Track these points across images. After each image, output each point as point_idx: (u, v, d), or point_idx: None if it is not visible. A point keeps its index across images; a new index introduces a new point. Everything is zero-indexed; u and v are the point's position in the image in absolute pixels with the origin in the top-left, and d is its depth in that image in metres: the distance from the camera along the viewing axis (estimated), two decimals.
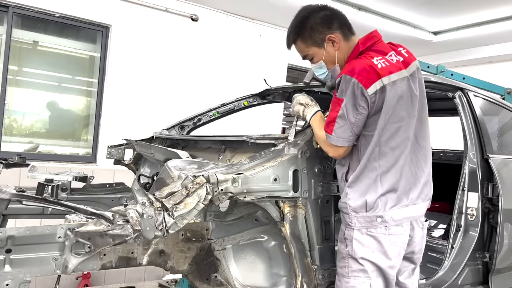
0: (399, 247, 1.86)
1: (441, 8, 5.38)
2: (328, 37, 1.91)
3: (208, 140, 2.64)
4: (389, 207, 1.83)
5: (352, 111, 1.77)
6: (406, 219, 1.88)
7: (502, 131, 2.94)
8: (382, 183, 1.83)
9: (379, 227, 1.82)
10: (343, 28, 1.95)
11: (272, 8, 5.46)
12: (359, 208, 1.84)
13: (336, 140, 1.81)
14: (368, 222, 1.82)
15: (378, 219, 1.82)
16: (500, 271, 2.68)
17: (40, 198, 1.89)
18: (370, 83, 1.75)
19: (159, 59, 5.27)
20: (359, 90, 1.74)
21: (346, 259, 1.85)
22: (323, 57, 1.95)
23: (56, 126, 5.08)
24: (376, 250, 1.82)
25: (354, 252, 1.83)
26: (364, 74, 1.75)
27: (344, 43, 1.94)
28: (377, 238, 1.82)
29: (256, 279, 2.16)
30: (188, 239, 2.07)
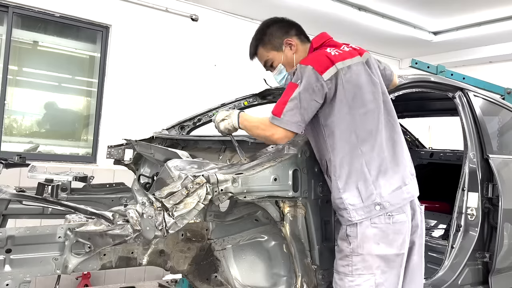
0: (404, 235, 1.86)
1: (441, 8, 5.38)
2: (286, 41, 2.02)
3: (208, 140, 2.65)
4: (384, 192, 1.83)
5: (305, 97, 1.77)
6: (404, 201, 1.88)
7: (502, 131, 2.94)
8: (369, 169, 1.83)
9: (382, 217, 1.81)
10: (299, 35, 2.07)
11: (272, 8, 5.46)
12: (355, 200, 1.82)
13: (285, 123, 1.77)
14: (368, 212, 1.81)
15: (376, 206, 1.81)
16: (500, 271, 2.68)
17: (40, 198, 1.89)
18: (325, 69, 1.79)
19: (159, 59, 5.27)
20: (314, 76, 1.78)
21: (350, 256, 1.83)
22: (281, 60, 2.04)
23: (56, 126, 5.08)
24: (381, 242, 1.81)
25: (359, 249, 1.81)
26: (318, 61, 1.81)
27: (301, 46, 2.05)
28: (382, 229, 1.82)
29: (256, 279, 2.15)
30: (188, 239, 2.07)
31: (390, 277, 1.85)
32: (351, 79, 1.84)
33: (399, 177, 1.89)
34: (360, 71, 1.88)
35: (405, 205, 1.88)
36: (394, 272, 1.86)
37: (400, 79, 2.39)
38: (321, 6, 5.28)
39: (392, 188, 1.85)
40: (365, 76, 1.90)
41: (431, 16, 5.69)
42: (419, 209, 2.00)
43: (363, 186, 1.82)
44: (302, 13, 5.53)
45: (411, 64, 4.14)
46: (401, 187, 1.87)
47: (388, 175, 1.86)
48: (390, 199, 1.83)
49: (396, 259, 1.85)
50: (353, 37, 6.46)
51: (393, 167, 1.88)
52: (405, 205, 1.88)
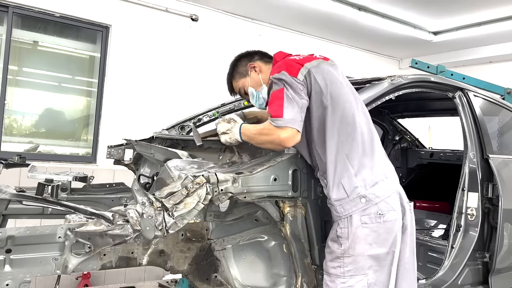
0: (395, 232, 1.85)
1: (441, 8, 5.38)
2: (249, 65, 2.16)
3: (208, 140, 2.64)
4: (368, 184, 1.83)
5: (295, 95, 1.82)
6: (390, 192, 1.87)
7: (502, 131, 2.94)
8: (351, 163, 1.84)
9: (373, 216, 1.81)
10: (262, 57, 2.20)
11: (272, 8, 5.46)
12: (341, 194, 1.83)
13: (290, 121, 1.78)
14: (354, 205, 1.81)
15: (362, 199, 1.81)
16: (500, 271, 2.68)
17: (40, 198, 1.89)
18: (297, 71, 1.86)
19: (159, 59, 5.27)
20: (291, 79, 1.84)
21: (341, 258, 1.82)
22: (249, 83, 2.16)
23: (56, 126, 5.07)
24: (373, 242, 1.81)
25: (351, 250, 1.80)
26: (288, 66, 1.89)
27: (265, 66, 2.16)
28: (373, 229, 1.81)
29: (256, 279, 2.15)
30: (188, 239, 2.07)
31: (381, 275, 1.85)
32: (324, 74, 1.90)
33: (380, 170, 1.90)
34: (329, 69, 1.95)
35: (393, 200, 1.88)
36: (386, 271, 1.86)
37: (400, 79, 2.39)
38: (321, 6, 5.27)
39: (375, 180, 1.85)
40: (335, 72, 1.96)
41: (431, 16, 5.69)
42: (409, 206, 1.99)
43: (347, 180, 1.83)
44: (302, 13, 5.53)
45: (411, 64, 4.14)
46: (383, 179, 1.88)
47: (369, 167, 1.87)
48: (375, 191, 1.83)
49: (387, 257, 1.85)
50: (353, 37, 6.48)
51: (374, 160, 1.90)
52: (393, 200, 1.87)
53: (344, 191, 1.83)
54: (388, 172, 1.94)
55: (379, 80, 2.39)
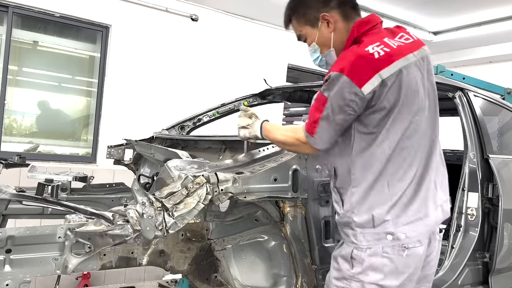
0: (413, 268, 1.61)
1: (441, 8, 5.38)
2: (322, 16, 1.66)
3: (208, 140, 2.64)
4: (401, 222, 1.57)
5: (339, 113, 1.53)
6: (422, 235, 1.61)
7: (502, 131, 2.94)
8: (390, 191, 1.57)
9: (396, 248, 1.57)
10: (344, 6, 1.68)
11: (272, 8, 5.46)
12: (366, 223, 1.58)
13: (319, 143, 1.60)
14: (377, 240, 1.57)
15: (388, 236, 1.56)
16: (500, 271, 2.68)
17: (40, 198, 1.89)
18: (365, 80, 1.48)
19: (159, 59, 5.27)
20: (350, 89, 1.48)
21: (349, 280, 1.60)
22: (315, 39, 1.71)
23: (56, 126, 5.07)
24: (388, 274, 1.57)
25: (362, 275, 1.58)
26: (356, 69, 1.48)
27: (344, 24, 1.67)
28: (393, 260, 1.57)
29: (256, 279, 2.15)
30: (188, 239, 2.07)
31: None
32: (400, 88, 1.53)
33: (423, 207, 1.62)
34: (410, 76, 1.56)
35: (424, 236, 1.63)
36: None
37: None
38: None
39: (411, 219, 1.58)
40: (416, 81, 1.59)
41: (431, 16, 5.69)
42: (438, 237, 1.73)
43: (380, 212, 1.56)
44: None
45: None
46: (422, 218, 1.60)
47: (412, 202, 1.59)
48: (407, 231, 1.57)
49: None
50: None
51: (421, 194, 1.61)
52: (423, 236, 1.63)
53: (372, 221, 1.57)
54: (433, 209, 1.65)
55: None
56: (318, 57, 1.75)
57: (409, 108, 1.56)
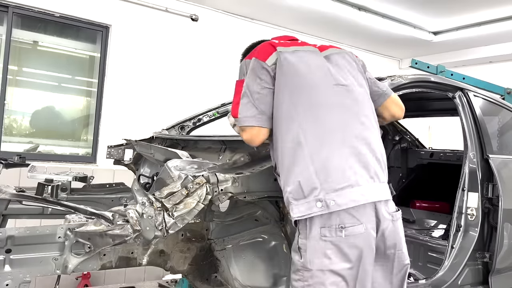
0: (361, 248, 1.59)
1: (441, 8, 5.38)
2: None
3: (208, 140, 2.64)
4: (330, 187, 1.57)
5: (253, 86, 1.71)
6: (354, 203, 1.59)
7: (502, 131, 2.94)
8: (313, 159, 1.60)
9: (333, 229, 1.56)
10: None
11: (272, 8, 5.46)
12: (297, 193, 1.60)
13: (244, 120, 1.69)
14: (308, 208, 1.57)
15: (318, 203, 1.56)
16: (500, 271, 2.68)
17: (40, 198, 1.89)
18: (268, 55, 1.74)
19: (159, 59, 5.27)
20: (258, 64, 1.73)
21: (301, 271, 1.60)
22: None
23: (56, 126, 5.07)
24: (334, 256, 1.57)
25: (309, 264, 1.58)
26: (260, 51, 1.78)
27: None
28: (334, 243, 1.57)
29: (256, 279, 2.15)
30: (188, 239, 2.07)
31: None
32: (299, 61, 1.73)
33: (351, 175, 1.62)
34: (311, 57, 1.77)
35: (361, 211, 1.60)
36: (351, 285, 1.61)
37: (400, 79, 2.39)
38: (321, 6, 5.27)
39: (340, 185, 1.59)
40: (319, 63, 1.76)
41: (431, 16, 5.69)
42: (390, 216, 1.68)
43: (305, 179, 1.59)
44: (302, 13, 5.53)
45: (411, 64, 4.14)
46: (352, 186, 1.60)
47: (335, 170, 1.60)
48: (336, 198, 1.57)
49: (351, 272, 1.60)
50: (353, 37, 6.48)
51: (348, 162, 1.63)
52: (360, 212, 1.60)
53: (301, 190, 1.59)
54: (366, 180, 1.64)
55: (379, 80, 2.39)
56: None
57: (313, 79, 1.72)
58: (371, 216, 1.63)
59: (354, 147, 1.67)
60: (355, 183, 1.61)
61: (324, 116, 1.68)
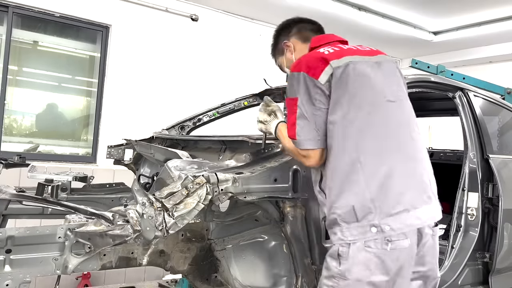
0: (402, 262, 1.58)
1: (441, 8, 5.38)
2: (284, 44, 1.97)
3: (208, 140, 2.64)
4: (385, 213, 1.55)
5: (309, 107, 1.62)
6: (409, 227, 1.58)
7: (502, 131, 2.94)
8: (369, 184, 1.57)
9: (379, 241, 1.55)
10: (301, 32, 1.95)
11: (272, 8, 5.46)
12: (349, 217, 1.57)
13: (304, 143, 1.63)
14: (362, 233, 1.55)
15: (372, 228, 1.54)
16: (500, 271, 2.68)
17: (40, 198, 1.89)
18: (320, 71, 1.62)
19: (159, 59, 5.27)
20: (311, 83, 1.62)
21: (337, 278, 1.58)
22: (285, 64, 2.00)
23: (56, 126, 5.07)
24: (375, 269, 1.55)
25: (348, 273, 1.56)
26: (310, 64, 1.65)
27: (301, 45, 1.94)
28: (377, 255, 1.55)
29: (256, 279, 2.15)
30: (188, 239, 2.07)
31: None
32: (352, 76, 1.63)
33: (408, 198, 1.60)
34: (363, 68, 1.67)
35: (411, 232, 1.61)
36: None
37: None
38: (321, 6, 5.27)
39: (396, 210, 1.57)
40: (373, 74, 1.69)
41: (431, 16, 5.69)
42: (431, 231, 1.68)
43: (360, 204, 1.56)
44: (302, 13, 5.49)
45: (411, 64, 4.14)
46: (408, 210, 1.58)
47: (392, 193, 1.58)
48: (391, 223, 1.55)
49: (387, 285, 1.58)
50: (353, 37, 6.46)
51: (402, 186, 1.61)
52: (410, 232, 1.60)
53: (355, 214, 1.56)
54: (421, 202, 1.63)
55: None
56: None
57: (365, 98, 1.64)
58: (416, 231, 1.63)
59: (411, 167, 1.65)
60: (411, 206, 1.60)
61: (381, 135, 1.64)
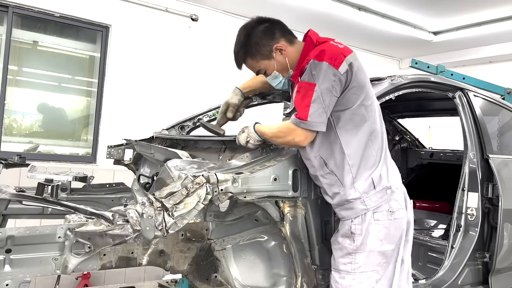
0: (402, 229, 1.89)
1: (441, 8, 5.38)
2: (275, 47, 1.96)
3: (208, 140, 2.64)
4: (390, 176, 1.90)
5: (326, 95, 1.77)
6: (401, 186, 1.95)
7: (502, 131, 2.94)
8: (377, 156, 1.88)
9: (385, 213, 1.84)
10: (285, 35, 1.99)
11: (272, 8, 5.46)
12: (368, 188, 1.84)
13: (314, 124, 1.78)
14: (380, 197, 1.84)
15: (388, 190, 1.86)
16: (500, 271, 2.68)
17: (40, 198, 1.89)
18: (340, 62, 1.79)
19: (159, 59, 5.27)
20: (331, 72, 1.77)
21: (353, 254, 1.84)
22: (275, 68, 1.99)
23: (56, 126, 5.07)
24: (384, 238, 1.84)
25: (363, 246, 1.82)
26: (332, 55, 1.79)
27: (291, 48, 1.99)
28: (385, 225, 1.84)
29: (256, 279, 2.15)
30: (188, 239, 2.07)
31: (387, 271, 1.90)
32: (360, 71, 1.86)
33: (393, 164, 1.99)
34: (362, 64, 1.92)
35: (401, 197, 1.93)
36: (391, 267, 1.90)
37: (400, 79, 2.39)
38: (321, 6, 5.27)
39: (394, 172, 1.94)
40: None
41: (431, 16, 5.69)
42: (410, 203, 2.02)
43: (376, 174, 1.85)
44: (302, 13, 5.53)
45: (411, 64, 4.15)
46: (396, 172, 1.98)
47: (388, 160, 1.94)
48: (395, 183, 1.91)
49: (393, 253, 1.89)
50: (353, 37, 6.47)
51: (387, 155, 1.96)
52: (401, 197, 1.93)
53: (372, 183, 1.85)
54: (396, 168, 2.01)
55: (379, 80, 2.39)
56: (281, 80, 2.02)
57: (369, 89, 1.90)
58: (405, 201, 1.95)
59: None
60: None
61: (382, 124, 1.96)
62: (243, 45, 2.02)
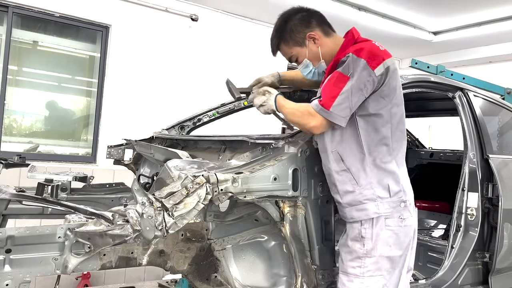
0: (410, 237, 1.90)
1: (441, 8, 5.38)
2: (308, 35, 1.96)
3: (208, 140, 2.64)
4: (407, 190, 1.89)
5: (356, 92, 1.75)
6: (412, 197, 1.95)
7: (502, 131, 2.94)
8: (398, 165, 1.88)
9: (396, 219, 1.84)
10: (322, 25, 1.99)
11: (272, 8, 5.45)
12: (384, 193, 1.84)
13: (335, 116, 1.76)
14: (393, 207, 1.84)
15: (401, 204, 1.85)
16: (500, 271, 2.68)
17: (40, 198, 1.89)
18: (377, 64, 1.77)
19: (159, 59, 5.27)
20: (367, 71, 1.75)
21: (363, 258, 1.84)
22: (306, 55, 2.00)
23: (56, 126, 5.08)
24: (393, 244, 1.84)
25: (373, 251, 1.83)
26: (372, 55, 1.77)
27: (326, 39, 1.99)
28: (395, 232, 1.84)
29: (256, 279, 2.15)
30: (188, 239, 2.07)
31: (393, 277, 1.90)
32: (394, 77, 1.84)
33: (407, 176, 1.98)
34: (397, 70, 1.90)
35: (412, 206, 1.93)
36: (397, 272, 1.90)
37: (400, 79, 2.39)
38: (321, 6, 5.21)
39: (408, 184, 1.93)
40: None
41: (431, 16, 5.69)
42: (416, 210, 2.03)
43: (393, 182, 1.85)
44: None
45: (411, 64, 4.14)
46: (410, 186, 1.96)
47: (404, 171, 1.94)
48: (409, 198, 1.91)
49: (400, 259, 1.89)
50: None
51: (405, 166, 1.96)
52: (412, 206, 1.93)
53: (388, 191, 1.84)
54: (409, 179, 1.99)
55: None
56: (311, 70, 2.04)
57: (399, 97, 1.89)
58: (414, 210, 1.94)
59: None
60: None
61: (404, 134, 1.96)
62: (278, 30, 2.04)
